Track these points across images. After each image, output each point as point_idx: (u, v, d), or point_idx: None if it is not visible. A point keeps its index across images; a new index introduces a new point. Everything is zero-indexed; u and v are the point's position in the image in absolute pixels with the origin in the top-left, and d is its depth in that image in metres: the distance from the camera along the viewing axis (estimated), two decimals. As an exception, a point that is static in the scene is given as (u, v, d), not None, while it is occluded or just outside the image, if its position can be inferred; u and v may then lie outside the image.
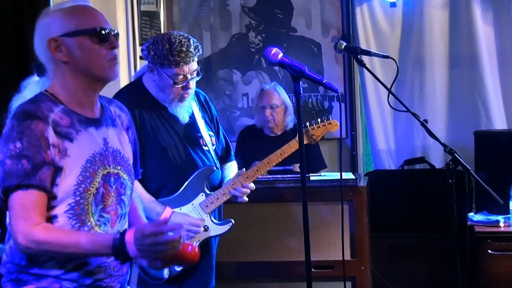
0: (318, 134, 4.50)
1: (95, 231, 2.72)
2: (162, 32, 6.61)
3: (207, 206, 4.01)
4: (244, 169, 4.19)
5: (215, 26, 6.93)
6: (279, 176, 5.05)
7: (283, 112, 5.85)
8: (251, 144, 5.90)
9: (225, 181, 4.17)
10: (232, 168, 4.33)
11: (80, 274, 2.71)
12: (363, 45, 6.44)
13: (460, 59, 6.42)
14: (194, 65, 3.91)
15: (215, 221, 4.06)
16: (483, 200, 5.64)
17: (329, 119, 4.52)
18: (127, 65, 6.15)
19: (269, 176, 5.08)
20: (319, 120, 4.52)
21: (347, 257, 4.68)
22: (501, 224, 5.41)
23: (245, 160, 5.50)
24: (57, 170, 2.62)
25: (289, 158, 4.57)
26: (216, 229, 4.05)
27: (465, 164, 3.79)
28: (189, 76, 3.89)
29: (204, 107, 4.19)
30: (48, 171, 2.60)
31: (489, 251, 5.30)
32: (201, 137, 4.06)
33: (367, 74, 6.44)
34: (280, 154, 4.31)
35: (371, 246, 4.88)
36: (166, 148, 3.92)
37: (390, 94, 3.99)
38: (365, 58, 4.18)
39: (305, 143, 4.44)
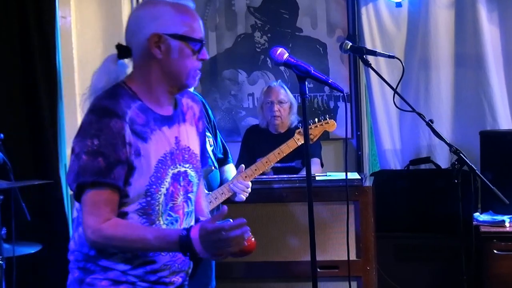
0: (316, 133, 4.52)
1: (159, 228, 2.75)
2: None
3: None
4: (243, 165, 4.21)
5: (221, 26, 6.94)
6: (285, 176, 5.06)
7: (289, 110, 5.88)
8: (257, 143, 5.90)
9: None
10: (231, 170, 4.35)
11: (145, 270, 2.74)
12: (368, 45, 6.44)
13: (465, 59, 6.41)
14: None
15: None
16: (489, 200, 5.64)
17: (327, 119, 4.54)
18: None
19: (274, 176, 5.09)
20: (316, 119, 4.55)
21: (353, 257, 4.68)
22: (507, 224, 5.41)
23: (251, 158, 5.51)
24: (131, 169, 2.64)
25: (291, 155, 4.60)
26: None
27: (470, 164, 3.79)
28: None
29: None
30: (122, 170, 2.62)
31: (495, 251, 5.30)
32: None
33: (372, 74, 6.43)
34: (278, 154, 4.34)
35: (376, 246, 4.88)
36: None
37: (395, 94, 4.00)
38: (370, 58, 4.19)
39: (302, 142, 4.47)
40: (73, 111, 5.87)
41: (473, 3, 6.28)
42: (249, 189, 4.21)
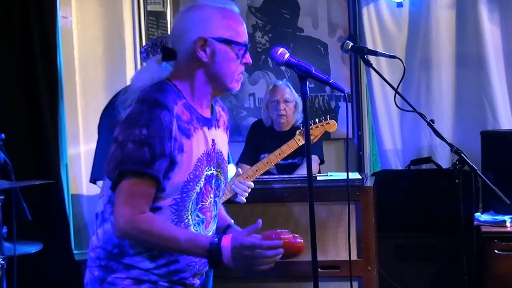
0: (317, 134, 4.53)
1: (190, 230, 2.74)
2: (169, 32, 6.62)
3: None
4: (240, 170, 4.22)
5: (222, 26, 6.92)
6: (286, 176, 5.06)
7: (294, 109, 5.85)
8: (262, 138, 5.89)
9: None
10: (230, 171, 4.35)
11: (168, 270, 2.73)
12: (369, 45, 6.44)
13: (466, 59, 6.41)
14: None
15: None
16: (490, 200, 5.64)
17: (327, 119, 4.55)
18: (133, 65, 6.16)
19: (275, 176, 5.09)
20: (317, 120, 4.55)
21: (354, 257, 4.68)
22: (508, 224, 5.41)
23: (255, 153, 5.52)
24: (172, 164, 2.64)
25: (295, 152, 4.60)
26: None
27: (471, 164, 3.78)
28: None
29: None
30: (164, 163, 2.61)
31: (496, 251, 5.30)
32: None
33: (373, 74, 6.43)
34: (279, 154, 4.36)
35: (377, 246, 4.88)
36: None
37: (396, 94, 3.99)
38: (371, 58, 4.19)
39: (302, 143, 4.48)
40: (74, 111, 5.88)
41: (474, 3, 6.28)
42: (249, 190, 4.22)
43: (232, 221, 3.10)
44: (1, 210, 4.43)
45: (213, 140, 2.81)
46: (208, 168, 2.76)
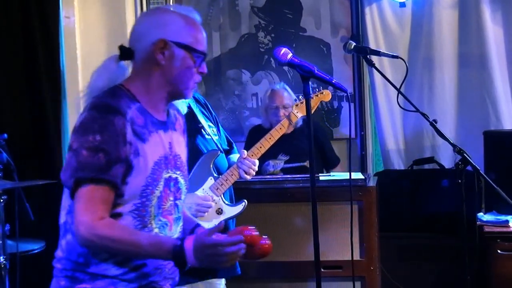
0: (312, 105, 4.51)
1: (155, 233, 2.74)
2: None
3: (217, 188, 4.05)
4: (244, 150, 4.21)
5: (225, 26, 6.94)
6: (289, 176, 5.06)
7: None
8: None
9: None
10: (237, 157, 4.36)
11: (137, 275, 2.72)
12: (372, 45, 6.44)
13: (469, 59, 6.41)
14: None
15: (228, 203, 4.09)
16: (493, 200, 5.64)
17: (321, 90, 4.51)
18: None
19: (279, 176, 5.09)
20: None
21: (356, 257, 4.68)
22: (511, 224, 5.41)
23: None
24: (129, 169, 2.64)
25: (301, 154, 4.55)
26: (230, 211, 4.09)
27: (474, 164, 3.78)
28: None
29: (202, 106, 4.23)
30: (121, 168, 2.61)
31: (499, 251, 5.29)
32: (202, 127, 4.09)
33: (376, 74, 6.43)
34: (280, 129, 4.34)
35: (380, 246, 4.88)
36: None
37: (399, 94, 3.99)
38: (374, 58, 4.18)
39: (301, 115, 4.44)
40: (77, 111, 5.87)
41: (476, 3, 6.28)
42: (256, 167, 4.19)
43: (193, 220, 3.09)
44: (4, 210, 4.43)
45: (170, 143, 2.82)
46: (166, 172, 2.76)
